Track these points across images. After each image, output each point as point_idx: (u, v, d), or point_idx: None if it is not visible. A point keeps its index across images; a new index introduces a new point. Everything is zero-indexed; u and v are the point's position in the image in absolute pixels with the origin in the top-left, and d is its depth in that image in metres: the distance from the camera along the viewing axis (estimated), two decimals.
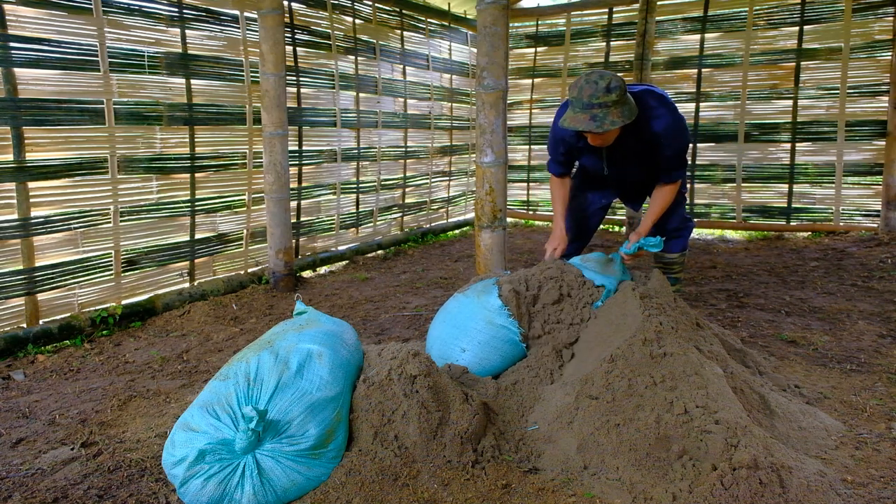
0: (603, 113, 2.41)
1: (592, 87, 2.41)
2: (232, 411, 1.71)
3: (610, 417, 1.83)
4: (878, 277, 4.14)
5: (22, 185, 3.13)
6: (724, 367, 2.09)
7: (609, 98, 2.40)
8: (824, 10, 5.56)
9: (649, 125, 2.61)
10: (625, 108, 2.46)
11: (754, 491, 1.54)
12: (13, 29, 3.05)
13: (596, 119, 2.41)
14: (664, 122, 2.62)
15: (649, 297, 2.21)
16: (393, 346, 2.09)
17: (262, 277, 4.33)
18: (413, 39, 5.96)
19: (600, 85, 2.41)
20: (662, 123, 2.61)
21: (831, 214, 5.73)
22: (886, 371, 2.59)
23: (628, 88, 2.61)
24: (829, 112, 5.63)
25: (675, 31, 6.17)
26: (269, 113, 4.10)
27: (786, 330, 3.16)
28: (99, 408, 2.45)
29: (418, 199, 6.30)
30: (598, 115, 2.41)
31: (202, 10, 3.90)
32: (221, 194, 4.15)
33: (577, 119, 2.45)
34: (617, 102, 2.42)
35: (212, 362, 2.98)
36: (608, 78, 2.43)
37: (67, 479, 1.89)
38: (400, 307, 3.83)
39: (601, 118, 2.41)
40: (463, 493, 1.73)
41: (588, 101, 2.42)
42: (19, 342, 3.11)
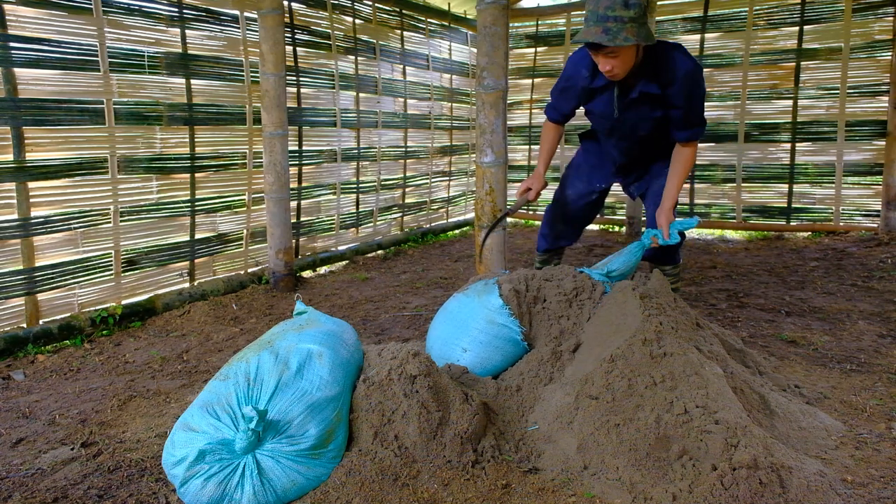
0: (617, 27, 2.22)
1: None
2: (232, 411, 1.71)
3: (610, 417, 1.83)
4: (878, 277, 4.14)
5: (22, 185, 3.13)
6: (724, 367, 2.09)
7: (626, 13, 2.22)
8: (824, 10, 5.56)
9: (669, 67, 2.43)
10: (642, 28, 2.27)
11: (754, 491, 1.54)
12: (13, 29, 3.05)
13: (609, 32, 2.22)
14: (686, 66, 2.44)
15: (649, 297, 2.21)
16: (393, 346, 2.09)
17: (262, 277, 4.34)
18: (413, 39, 5.96)
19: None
20: (684, 67, 2.43)
21: (831, 214, 5.73)
22: (886, 371, 2.59)
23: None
24: (829, 112, 5.64)
25: (675, 31, 6.17)
26: (269, 113, 4.10)
27: (786, 330, 3.16)
28: (99, 408, 2.45)
29: (418, 199, 6.30)
30: (611, 29, 2.22)
31: (202, 10, 3.90)
32: (221, 194, 4.15)
33: (589, 32, 2.26)
34: (634, 20, 2.23)
35: (212, 362, 2.98)
36: None
37: (67, 479, 1.89)
38: (400, 307, 3.83)
39: (614, 32, 2.22)
40: (463, 493, 1.73)
41: (603, 12, 2.23)
42: (19, 342, 3.11)
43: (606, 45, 2.27)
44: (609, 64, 2.37)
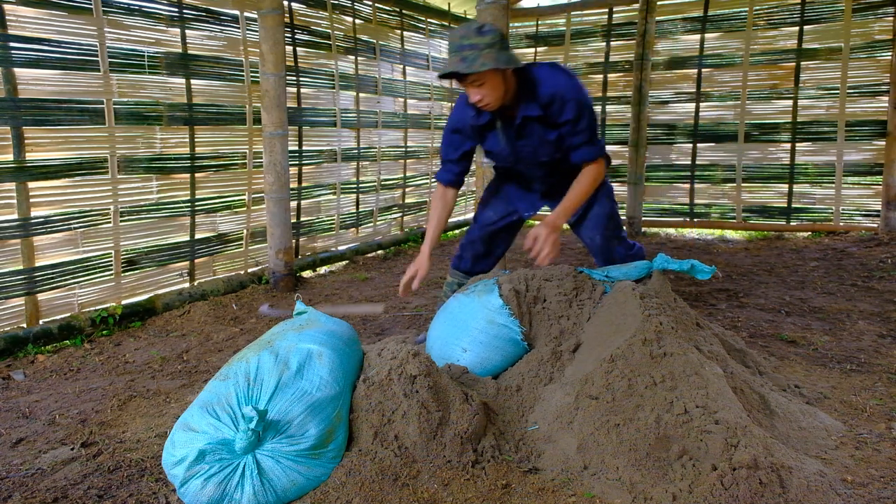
0: (473, 55, 2.22)
1: (464, 28, 2.27)
2: (232, 411, 1.71)
3: (610, 417, 1.83)
4: (878, 277, 4.14)
5: (22, 185, 3.13)
6: (724, 367, 2.09)
7: (481, 40, 2.22)
8: (824, 10, 5.56)
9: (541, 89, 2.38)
10: (500, 53, 2.25)
11: (754, 491, 1.54)
12: (13, 29, 3.05)
13: (466, 60, 2.22)
14: (558, 81, 2.38)
15: (649, 297, 2.21)
16: (393, 346, 2.09)
17: (262, 277, 4.34)
18: (413, 39, 5.96)
19: (472, 27, 2.26)
20: (557, 83, 2.38)
21: (831, 214, 5.73)
22: (886, 371, 2.59)
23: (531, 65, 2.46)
24: (829, 112, 5.64)
25: (675, 31, 6.17)
26: (269, 113, 4.10)
27: (786, 330, 3.16)
28: (99, 408, 2.45)
29: (418, 199, 6.30)
30: (467, 57, 2.22)
31: (202, 10, 3.90)
32: (221, 194, 4.15)
33: (451, 62, 2.28)
34: (490, 45, 2.23)
35: (212, 362, 2.98)
36: (481, 24, 2.28)
37: (67, 479, 1.89)
38: (400, 307, 3.83)
39: (471, 59, 2.22)
40: (463, 493, 1.73)
41: (459, 42, 2.25)
42: (19, 342, 3.11)
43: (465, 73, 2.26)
44: (478, 94, 2.34)
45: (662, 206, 6.41)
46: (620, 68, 6.44)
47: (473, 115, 2.53)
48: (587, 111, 2.45)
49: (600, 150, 2.54)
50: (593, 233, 2.73)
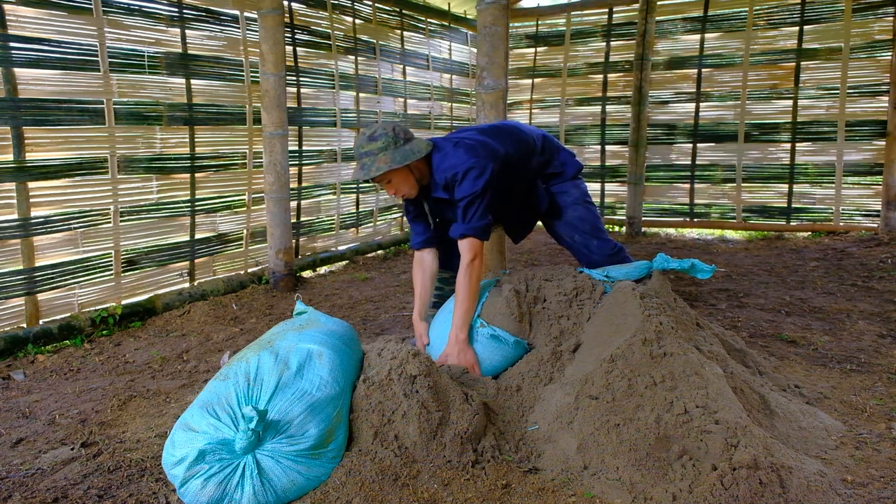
0: (370, 161, 2.37)
1: (361, 138, 2.43)
2: (232, 411, 1.71)
3: (610, 417, 1.83)
4: (878, 277, 4.14)
5: (22, 185, 3.13)
6: (724, 367, 2.09)
7: (374, 146, 2.37)
8: (824, 10, 5.56)
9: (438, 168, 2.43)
10: (396, 152, 2.35)
11: (754, 491, 1.54)
12: (13, 29, 3.05)
13: (364, 167, 2.38)
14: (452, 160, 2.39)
15: (649, 297, 2.21)
16: (393, 346, 2.09)
17: (262, 277, 4.33)
18: (413, 39, 5.96)
19: (366, 134, 2.41)
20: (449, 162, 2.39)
21: (831, 214, 5.73)
22: (886, 371, 2.59)
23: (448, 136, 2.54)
24: (829, 112, 5.64)
25: (675, 31, 6.17)
26: (269, 113, 4.10)
27: (786, 330, 3.16)
28: (99, 408, 2.45)
29: None
30: (365, 164, 2.39)
31: (202, 10, 3.90)
32: (221, 194, 4.15)
33: (355, 169, 2.47)
34: (384, 149, 2.36)
35: (212, 362, 2.98)
36: (374, 128, 2.41)
37: (67, 479, 1.89)
38: (400, 307, 3.83)
39: (368, 165, 2.37)
40: (463, 493, 1.73)
41: (356, 150, 2.44)
42: (19, 342, 3.11)
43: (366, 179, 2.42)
44: (391, 189, 2.48)
45: (662, 206, 6.41)
46: (620, 68, 6.43)
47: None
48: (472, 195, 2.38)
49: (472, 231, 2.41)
50: (571, 232, 2.77)
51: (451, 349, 2.36)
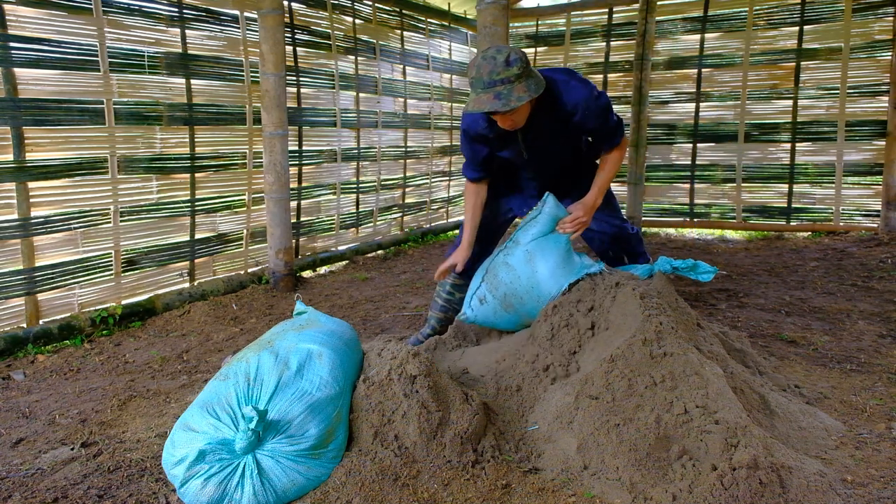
0: (507, 90, 2.19)
1: (491, 63, 2.19)
2: (232, 411, 1.71)
3: (610, 417, 1.83)
4: (878, 277, 4.14)
5: (22, 185, 3.13)
6: (724, 367, 2.09)
7: (510, 72, 2.18)
8: (824, 10, 5.56)
9: (563, 100, 2.39)
10: (529, 81, 2.23)
11: (754, 491, 1.54)
12: (13, 29, 3.05)
13: (501, 97, 2.19)
14: (579, 94, 2.39)
15: (649, 296, 2.21)
16: (393, 346, 2.09)
17: (262, 277, 4.34)
18: (413, 39, 5.96)
19: (499, 59, 2.18)
20: (578, 96, 2.39)
21: (831, 214, 5.73)
22: (886, 371, 2.59)
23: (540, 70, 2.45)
24: (829, 112, 5.64)
25: (675, 31, 6.17)
26: (269, 113, 4.10)
27: (786, 330, 3.16)
28: (99, 408, 2.45)
29: (418, 199, 6.30)
30: (502, 93, 2.19)
31: (202, 10, 3.90)
32: (221, 194, 4.15)
33: (481, 101, 2.22)
34: (520, 76, 2.20)
35: (212, 362, 2.98)
36: (506, 52, 2.21)
37: (67, 479, 1.89)
38: (400, 307, 3.83)
39: (506, 95, 2.18)
40: (463, 493, 1.73)
41: (489, 78, 2.19)
42: (19, 342, 3.11)
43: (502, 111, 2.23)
44: (508, 121, 2.34)
45: (662, 206, 6.41)
46: (620, 68, 6.43)
47: (486, 127, 2.50)
48: (608, 113, 2.49)
49: (622, 135, 2.59)
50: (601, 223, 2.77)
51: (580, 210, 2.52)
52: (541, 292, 2.47)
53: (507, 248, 2.58)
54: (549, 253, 2.50)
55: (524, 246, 2.52)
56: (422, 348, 2.64)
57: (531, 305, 2.50)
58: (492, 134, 2.50)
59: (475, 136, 2.55)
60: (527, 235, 2.54)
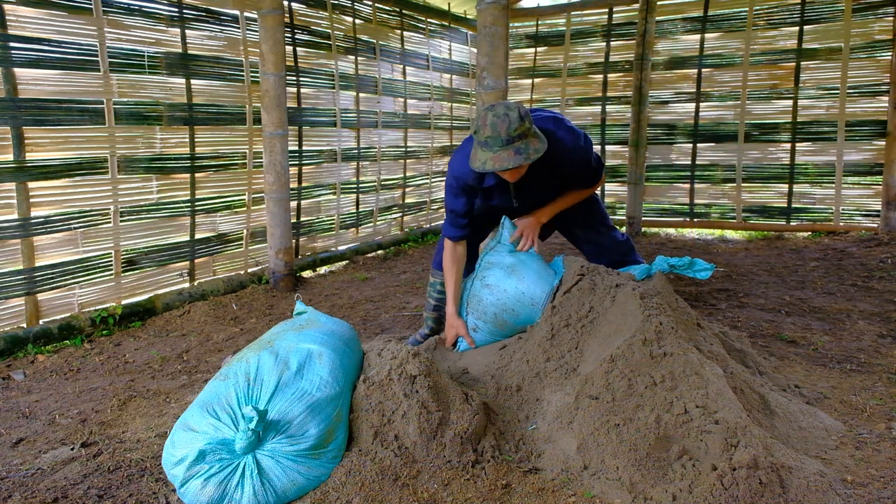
0: (525, 144, 2.25)
1: (505, 120, 2.24)
2: (232, 411, 1.71)
3: (610, 417, 1.83)
4: (878, 277, 4.14)
5: (22, 185, 3.13)
6: (724, 367, 2.09)
7: (524, 127, 2.25)
8: (824, 10, 5.56)
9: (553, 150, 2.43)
10: (537, 133, 2.33)
11: (754, 491, 1.54)
12: (13, 29, 3.05)
13: (521, 152, 2.24)
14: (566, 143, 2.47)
15: (649, 296, 2.21)
16: (393, 346, 2.09)
17: (262, 277, 4.34)
18: (413, 39, 5.96)
19: (512, 116, 2.24)
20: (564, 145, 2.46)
21: (831, 214, 5.73)
22: (886, 371, 2.59)
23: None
24: (829, 112, 5.64)
25: (675, 31, 6.17)
26: (269, 113, 4.10)
27: (786, 330, 3.16)
28: (99, 408, 2.45)
29: (418, 199, 6.30)
30: (521, 148, 2.25)
31: (202, 10, 3.90)
32: (221, 194, 4.15)
33: (502, 158, 2.25)
34: (530, 129, 2.29)
35: (212, 362, 2.98)
36: (514, 107, 2.27)
37: (67, 479, 1.89)
38: (400, 307, 3.83)
39: (525, 149, 2.25)
40: (463, 493, 1.74)
41: (507, 135, 2.24)
42: (19, 342, 3.11)
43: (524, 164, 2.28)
44: (517, 174, 2.39)
45: (662, 206, 6.41)
46: (620, 68, 6.43)
47: (474, 178, 2.54)
48: (591, 155, 2.60)
49: (600, 175, 2.70)
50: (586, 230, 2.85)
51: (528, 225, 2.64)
52: (533, 296, 2.50)
53: (480, 273, 2.62)
54: (528, 260, 2.58)
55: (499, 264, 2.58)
56: (422, 348, 2.64)
57: (525, 313, 2.51)
58: (483, 185, 2.56)
59: (464, 187, 2.59)
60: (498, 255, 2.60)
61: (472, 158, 2.35)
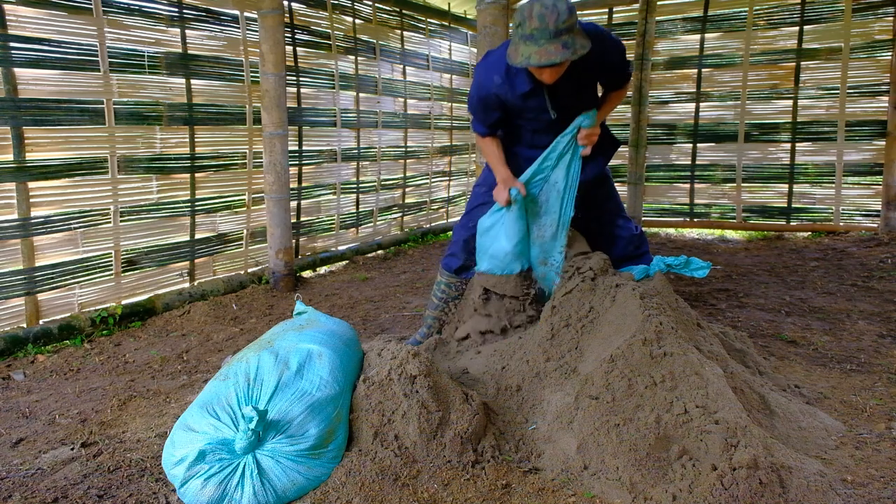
0: (571, 38, 2.09)
1: (554, 11, 2.08)
2: (232, 411, 1.71)
3: (610, 417, 1.83)
4: (878, 277, 4.14)
5: (22, 185, 3.13)
6: (724, 367, 2.09)
7: (572, 20, 2.09)
8: (824, 10, 5.56)
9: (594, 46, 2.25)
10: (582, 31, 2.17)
11: (754, 491, 1.54)
12: (13, 29, 3.04)
13: (568, 46, 2.08)
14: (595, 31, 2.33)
15: (649, 297, 2.21)
16: (393, 346, 2.09)
17: (262, 277, 4.33)
18: (413, 39, 5.96)
19: (561, 7, 2.08)
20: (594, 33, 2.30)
21: (831, 214, 5.73)
22: (886, 371, 2.59)
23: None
24: (829, 112, 5.63)
25: (675, 31, 6.17)
26: (269, 113, 4.10)
27: (786, 330, 3.16)
28: (99, 408, 2.45)
29: (418, 199, 6.30)
30: (568, 42, 2.08)
31: (202, 10, 3.90)
32: (221, 194, 4.14)
33: (548, 51, 2.09)
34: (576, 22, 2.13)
35: (212, 362, 2.98)
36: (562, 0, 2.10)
37: (67, 479, 1.89)
38: (400, 307, 3.83)
39: (572, 44, 2.09)
40: (463, 493, 1.73)
41: (555, 27, 2.07)
42: (19, 342, 3.11)
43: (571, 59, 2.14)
44: (556, 74, 2.25)
45: (662, 206, 6.41)
46: None
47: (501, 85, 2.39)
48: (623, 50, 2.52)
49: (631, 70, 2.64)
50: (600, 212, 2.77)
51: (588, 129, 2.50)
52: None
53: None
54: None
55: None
56: (422, 348, 2.64)
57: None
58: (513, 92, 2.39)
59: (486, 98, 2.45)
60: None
61: (513, 53, 2.18)
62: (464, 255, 2.85)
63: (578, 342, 2.27)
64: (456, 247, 2.87)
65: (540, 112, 2.48)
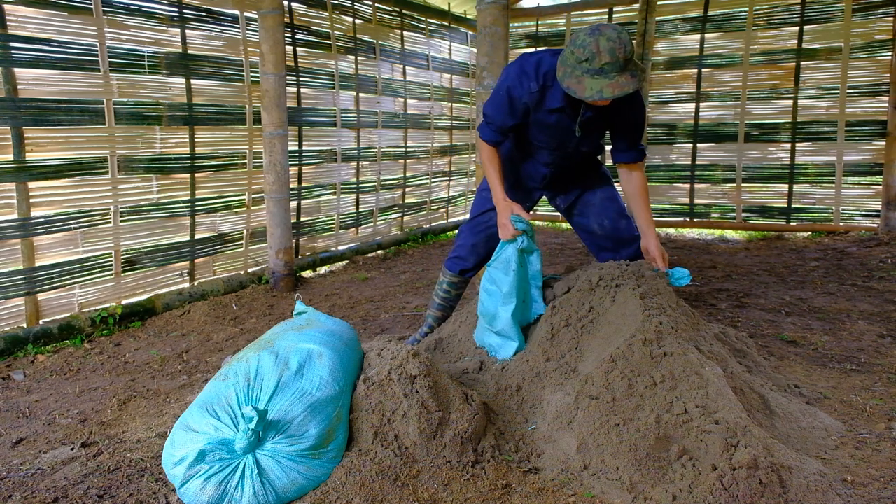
0: (635, 66, 2.14)
1: (620, 44, 2.10)
2: (232, 411, 1.71)
3: (610, 417, 1.83)
4: (878, 277, 4.14)
5: (22, 185, 3.13)
6: (724, 367, 2.09)
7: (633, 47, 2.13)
8: (824, 10, 5.56)
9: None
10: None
11: (754, 491, 1.54)
12: (13, 29, 3.04)
13: (635, 74, 2.12)
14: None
15: (649, 297, 2.21)
16: (393, 346, 2.09)
17: (262, 277, 4.34)
18: (413, 39, 5.96)
19: (624, 38, 2.11)
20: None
21: (831, 214, 5.73)
22: (886, 371, 2.59)
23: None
24: (829, 112, 5.64)
25: (675, 31, 6.17)
26: (269, 113, 4.10)
27: (786, 330, 3.16)
28: (99, 408, 2.45)
29: (418, 199, 6.30)
30: (635, 71, 2.12)
31: (202, 10, 3.90)
32: (221, 194, 4.15)
33: (620, 84, 2.11)
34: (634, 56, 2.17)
35: (212, 362, 2.98)
36: (617, 28, 2.14)
37: (67, 479, 1.89)
38: (400, 307, 3.83)
39: (637, 72, 2.13)
40: (463, 493, 1.74)
41: (624, 59, 2.10)
42: (19, 342, 3.11)
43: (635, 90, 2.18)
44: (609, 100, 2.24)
45: (662, 206, 6.41)
46: None
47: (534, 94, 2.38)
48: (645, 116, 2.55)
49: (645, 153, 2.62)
50: (601, 218, 2.69)
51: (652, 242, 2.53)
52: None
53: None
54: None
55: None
56: (422, 348, 2.64)
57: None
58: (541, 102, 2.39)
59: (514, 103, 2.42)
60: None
61: (577, 87, 2.16)
62: (472, 258, 2.82)
63: (578, 342, 2.26)
64: (462, 250, 2.84)
65: (562, 129, 2.47)
